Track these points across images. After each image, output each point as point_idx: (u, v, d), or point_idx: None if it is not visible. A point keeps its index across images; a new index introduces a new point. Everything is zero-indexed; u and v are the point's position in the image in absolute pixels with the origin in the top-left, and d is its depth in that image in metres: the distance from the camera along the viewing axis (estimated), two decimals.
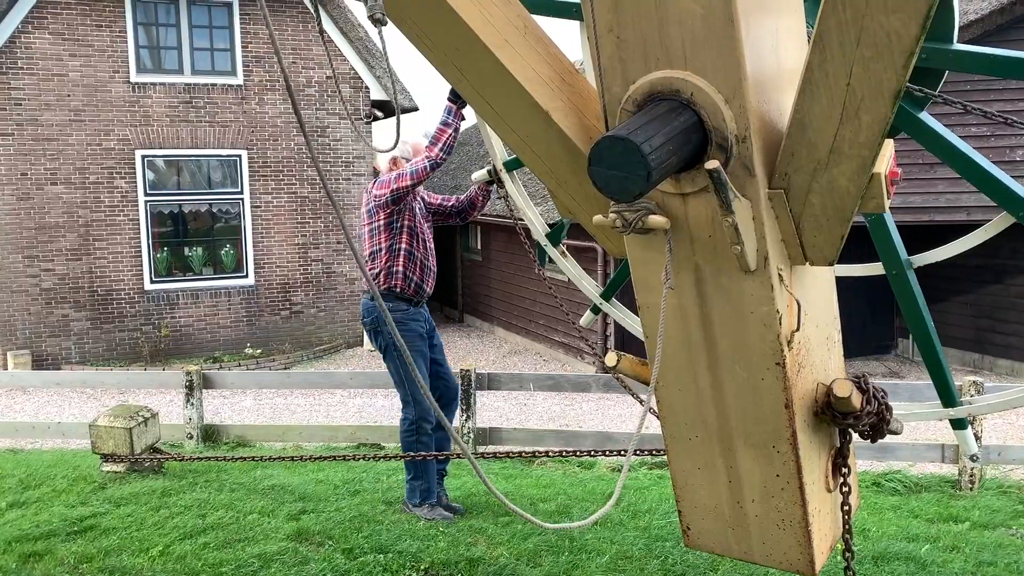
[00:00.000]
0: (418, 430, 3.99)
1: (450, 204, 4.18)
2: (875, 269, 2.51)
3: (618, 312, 3.09)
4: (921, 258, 2.39)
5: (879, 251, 2.33)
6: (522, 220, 3.19)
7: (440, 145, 3.65)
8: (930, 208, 9.30)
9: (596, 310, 3.19)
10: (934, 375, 2.41)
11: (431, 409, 3.88)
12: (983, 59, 1.98)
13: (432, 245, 4.07)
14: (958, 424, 2.51)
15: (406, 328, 3.88)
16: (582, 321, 3.32)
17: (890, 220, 2.29)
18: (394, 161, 3.99)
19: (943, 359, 2.40)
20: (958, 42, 2.02)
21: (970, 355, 11.03)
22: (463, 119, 3.69)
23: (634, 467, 5.76)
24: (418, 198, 4.09)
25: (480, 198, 4.08)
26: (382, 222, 3.89)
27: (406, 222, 3.91)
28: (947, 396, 2.43)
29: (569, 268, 3.10)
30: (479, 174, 3.34)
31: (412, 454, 4.02)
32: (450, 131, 3.63)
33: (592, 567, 3.50)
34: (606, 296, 3.09)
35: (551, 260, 3.22)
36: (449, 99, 3.58)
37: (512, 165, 3.16)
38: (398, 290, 3.89)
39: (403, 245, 3.89)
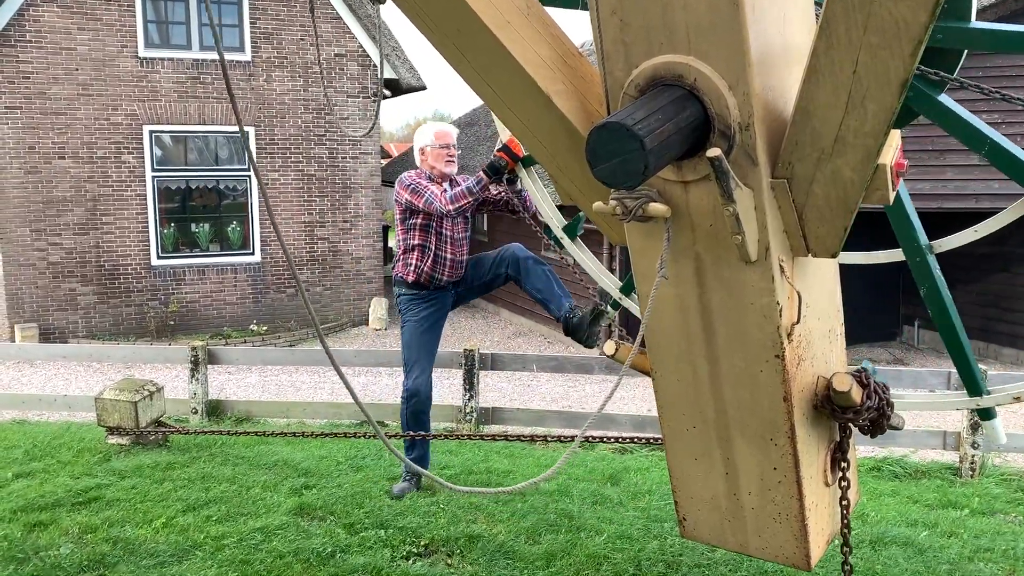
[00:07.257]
0: (408, 398, 4.14)
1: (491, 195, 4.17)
2: (895, 256, 2.43)
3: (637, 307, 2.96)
4: (943, 243, 2.31)
5: (899, 237, 2.27)
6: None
7: (456, 205, 3.89)
8: (939, 195, 9.22)
9: (615, 305, 3.04)
10: (959, 364, 2.33)
11: (418, 382, 4.12)
12: (1002, 36, 1.94)
13: (454, 234, 4.13)
14: (984, 414, 2.45)
15: (416, 307, 4.20)
16: (605, 349, 2.83)
17: (909, 205, 2.24)
18: (421, 151, 4.16)
19: (967, 347, 2.32)
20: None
21: (975, 343, 10.98)
22: (488, 191, 3.83)
23: (635, 448, 5.77)
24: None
25: (507, 196, 4.03)
26: (398, 217, 4.19)
27: (420, 220, 4.11)
28: (973, 385, 2.36)
29: (588, 263, 2.97)
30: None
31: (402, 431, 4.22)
32: (470, 199, 3.85)
33: (590, 545, 3.52)
34: (625, 291, 2.97)
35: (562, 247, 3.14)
36: (484, 170, 3.62)
37: (529, 161, 3.11)
38: (410, 280, 4.17)
39: (415, 240, 4.13)
